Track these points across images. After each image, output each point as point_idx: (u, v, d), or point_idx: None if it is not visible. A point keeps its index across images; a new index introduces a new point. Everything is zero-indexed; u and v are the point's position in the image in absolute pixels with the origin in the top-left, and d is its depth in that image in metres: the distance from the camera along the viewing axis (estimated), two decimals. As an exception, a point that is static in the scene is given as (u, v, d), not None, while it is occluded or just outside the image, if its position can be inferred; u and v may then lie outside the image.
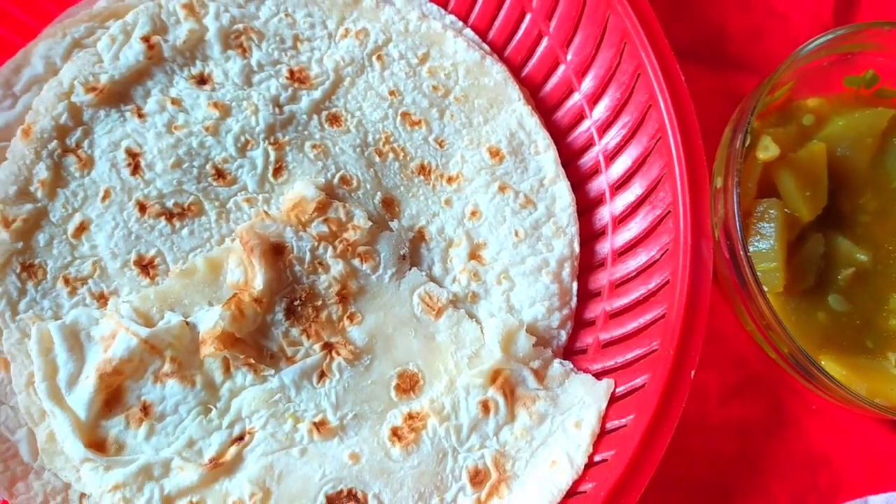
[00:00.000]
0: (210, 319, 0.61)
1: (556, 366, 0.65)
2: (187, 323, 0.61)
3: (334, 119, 0.69)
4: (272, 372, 0.62)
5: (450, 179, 0.70)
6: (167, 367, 0.60)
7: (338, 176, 0.67)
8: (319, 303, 0.64)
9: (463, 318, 0.65)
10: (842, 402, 0.65)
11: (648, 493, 0.57)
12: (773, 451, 0.70)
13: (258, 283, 0.61)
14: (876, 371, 0.67)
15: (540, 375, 0.64)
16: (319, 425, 0.62)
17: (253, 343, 0.62)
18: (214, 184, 0.65)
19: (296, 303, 0.63)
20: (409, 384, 0.64)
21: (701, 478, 0.69)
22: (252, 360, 0.62)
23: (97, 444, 0.59)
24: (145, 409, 0.60)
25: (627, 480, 0.58)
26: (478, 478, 0.62)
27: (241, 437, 0.61)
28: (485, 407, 0.63)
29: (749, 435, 0.70)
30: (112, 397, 0.60)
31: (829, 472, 0.70)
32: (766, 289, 0.64)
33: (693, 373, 0.60)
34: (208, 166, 0.65)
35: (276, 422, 0.62)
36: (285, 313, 0.63)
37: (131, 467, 0.59)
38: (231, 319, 0.60)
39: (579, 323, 0.69)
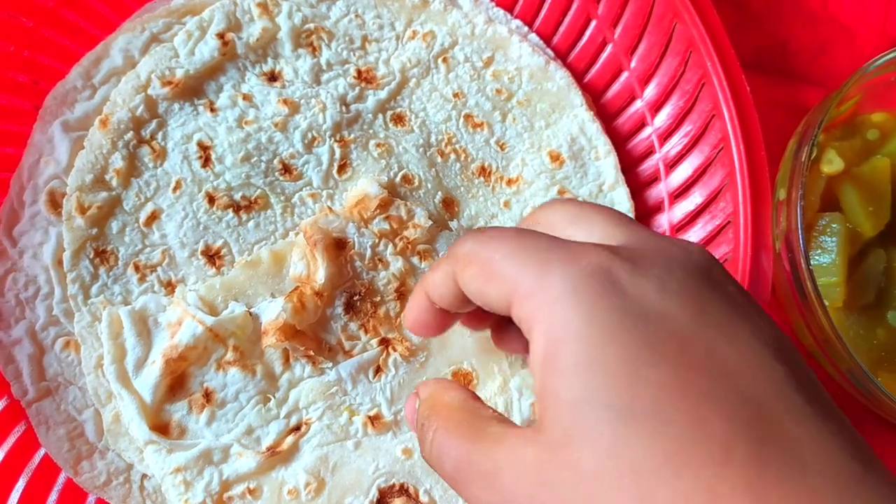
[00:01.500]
0: (272, 311, 0.62)
1: None
2: (251, 314, 0.63)
3: (399, 119, 0.70)
4: (330, 365, 0.63)
5: (509, 182, 0.71)
6: (230, 356, 0.62)
7: (400, 175, 0.69)
8: (378, 299, 0.65)
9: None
10: (899, 420, 0.65)
11: None
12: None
13: (320, 276, 0.63)
14: (934, 390, 0.66)
15: None
16: (374, 419, 0.63)
17: (312, 335, 0.64)
18: (281, 178, 0.67)
19: (355, 297, 0.65)
20: (462, 383, 0.64)
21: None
22: (311, 353, 0.63)
23: (161, 427, 0.61)
24: (207, 396, 0.62)
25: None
26: None
27: (297, 428, 0.63)
28: (535, 409, 0.64)
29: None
30: (176, 382, 0.62)
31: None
32: (826, 303, 0.64)
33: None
34: (276, 161, 0.67)
35: (333, 414, 0.63)
36: (344, 308, 0.64)
37: (192, 451, 0.60)
38: (293, 311, 0.62)
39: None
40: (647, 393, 0.34)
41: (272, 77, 0.69)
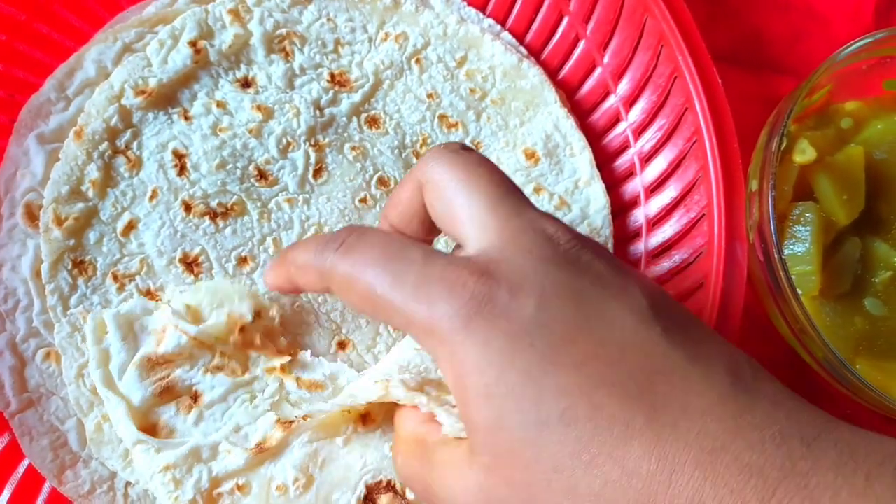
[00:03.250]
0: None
1: None
2: (236, 319, 0.63)
3: (373, 121, 0.71)
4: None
5: (486, 181, 0.71)
6: (217, 361, 0.62)
7: (375, 177, 0.69)
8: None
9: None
10: (876, 408, 0.65)
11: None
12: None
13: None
14: (913, 377, 0.66)
15: None
16: (365, 417, 0.62)
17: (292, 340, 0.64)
18: (257, 184, 0.67)
19: (336, 300, 0.65)
20: None
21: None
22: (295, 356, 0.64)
23: (149, 429, 0.61)
24: (195, 397, 0.62)
25: None
26: None
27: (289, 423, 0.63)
28: None
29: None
30: (165, 388, 0.62)
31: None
32: (800, 292, 0.64)
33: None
34: (251, 167, 0.67)
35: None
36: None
37: (181, 449, 0.60)
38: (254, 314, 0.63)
39: (613, 324, 0.69)
40: (551, 401, 0.37)
41: (245, 83, 0.69)
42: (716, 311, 0.62)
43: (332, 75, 0.71)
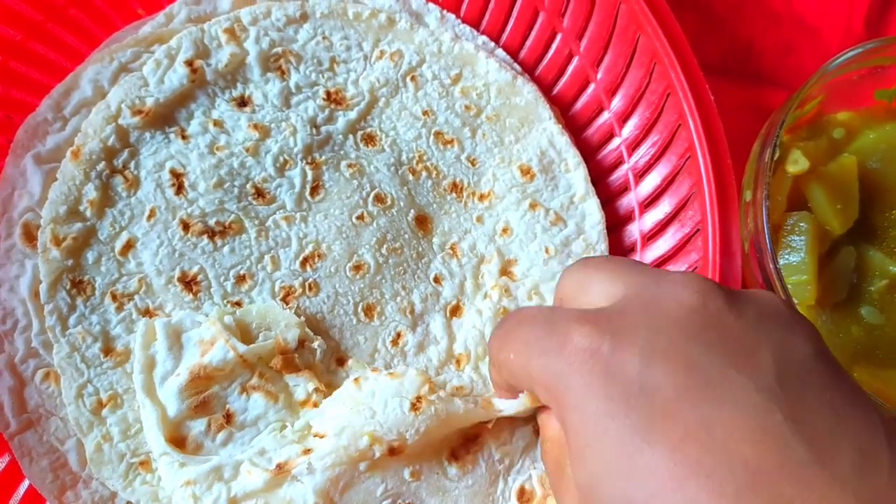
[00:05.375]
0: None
1: None
2: (282, 345, 0.63)
3: (369, 139, 0.71)
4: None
5: (481, 197, 0.71)
6: (255, 381, 0.62)
7: (372, 194, 0.69)
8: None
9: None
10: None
11: None
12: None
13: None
14: (910, 385, 0.67)
15: None
16: (395, 451, 0.60)
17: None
18: (254, 203, 0.67)
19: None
20: None
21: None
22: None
23: (177, 441, 0.61)
24: (228, 417, 0.62)
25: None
26: (524, 497, 0.63)
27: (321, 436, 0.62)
28: (537, 432, 0.64)
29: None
30: (201, 402, 0.62)
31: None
32: (797, 302, 0.65)
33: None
34: (248, 186, 0.67)
35: (352, 433, 0.60)
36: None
37: (204, 466, 0.60)
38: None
39: (610, 337, 0.70)
40: (639, 483, 0.34)
41: (242, 102, 0.70)
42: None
43: (328, 93, 0.71)
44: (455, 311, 0.69)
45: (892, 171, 0.72)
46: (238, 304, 0.65)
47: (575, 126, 0.76)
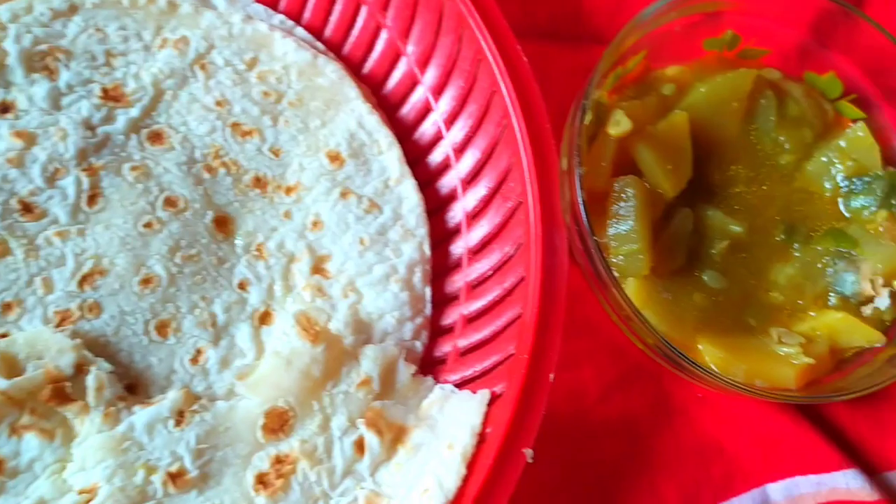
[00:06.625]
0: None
1: (437, 391, 0.60)
2: (53, 374, 0.55)
3: (156, 137, 0.64)
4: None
5: (288, 190, 0.65)
6: (25, 420, 0.55)
7: (162, 198, 0.62)
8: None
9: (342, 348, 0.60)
10: (721, 390, 0.61)
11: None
12: (661, 445, 0.65)
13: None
14: (757, 350, 0.62)
15: (419, 405, 0.60)
16: (175, 476, 0.55)
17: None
18: (21, 219, 0.59)
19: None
20: (277, 423, 0.58)
21: (585, 483, 0.64)
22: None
23: None
24: None
25: (485, 499, 0.53)
26: None
27: (90, 491, 0.56)
28: (360, 447, 0.58)
29: (634, 431, 0.65)
30: None
31: (723, 463, 0.65)
32: (618, 275, 0.59)
33: (552, 376, 0.55)
34: (13, 201, 0.60)
35: (125, 473, 0.55)
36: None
37: None
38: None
39: (437, 331, 0.64)
40: None
41: (3, 108, 0.62)
42: (537, 307, 0.56)
43: (105, 90, 0.64)
44: (264, 318, 0.62)
45: (726, 124, 0.68)
46: (4, 335, 0.57)
47: (389, 104, 0.70)
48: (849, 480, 0.63)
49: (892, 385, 0.59)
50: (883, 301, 0.63)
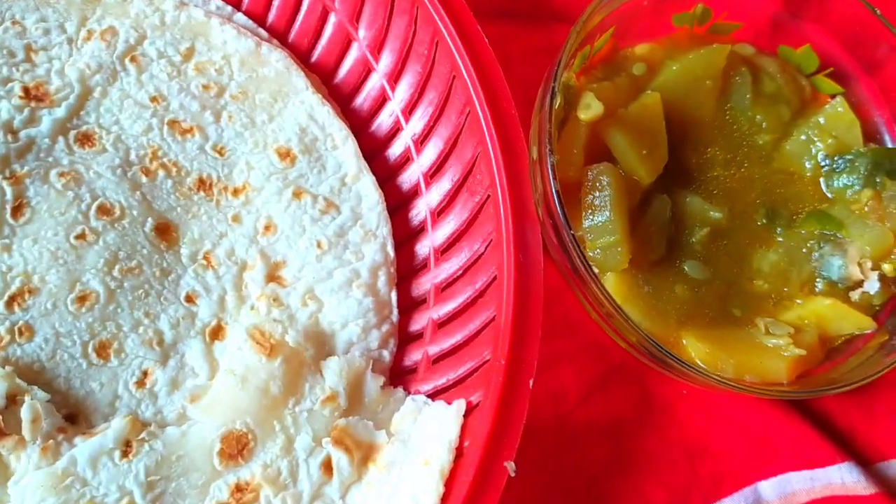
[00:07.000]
0: None
1: (409, 403, 0.56)
2: None
3: (86, 139, 0.58)
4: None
5: (235, 192, 0.60)
6: None
7: (95, 206, 0.56)
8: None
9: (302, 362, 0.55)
10: (710, 388, 0.57)
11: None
12: (647, 447, 0.62)
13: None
14: (744, 342, 0.59)
15: (389, 420, 0.55)
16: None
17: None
18: (-63, 237, 0.53)
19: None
20: (235, 448, 0.53)
21: (568, 489, 0.60)
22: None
23: None
24: None
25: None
26: None
27: None
28: (328, 468, 0.53)
29: (618, 433, 0.62)
30: None
31: (711, 462, 0.62)
32: (597, 270, 0.56)
33: (531, 382, 0.51)
34: (-74, 217, 0.54)
35: None
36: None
37: None
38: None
39: (406, 338, 0.59)
40: None
41: (-90, 114, 0.56)
42: (512, 307, 0.52)
43: (26, 89, 0.58)
44: (216, 333, 0.57)
45: (701, 104, 0.64)
46: (-77, 368, 0.51)
47: (342, 95, 0.65)
48: (844, 475, 0.60)
49: (883, 373, 0.56)
50: (872, 285, 0.60)
